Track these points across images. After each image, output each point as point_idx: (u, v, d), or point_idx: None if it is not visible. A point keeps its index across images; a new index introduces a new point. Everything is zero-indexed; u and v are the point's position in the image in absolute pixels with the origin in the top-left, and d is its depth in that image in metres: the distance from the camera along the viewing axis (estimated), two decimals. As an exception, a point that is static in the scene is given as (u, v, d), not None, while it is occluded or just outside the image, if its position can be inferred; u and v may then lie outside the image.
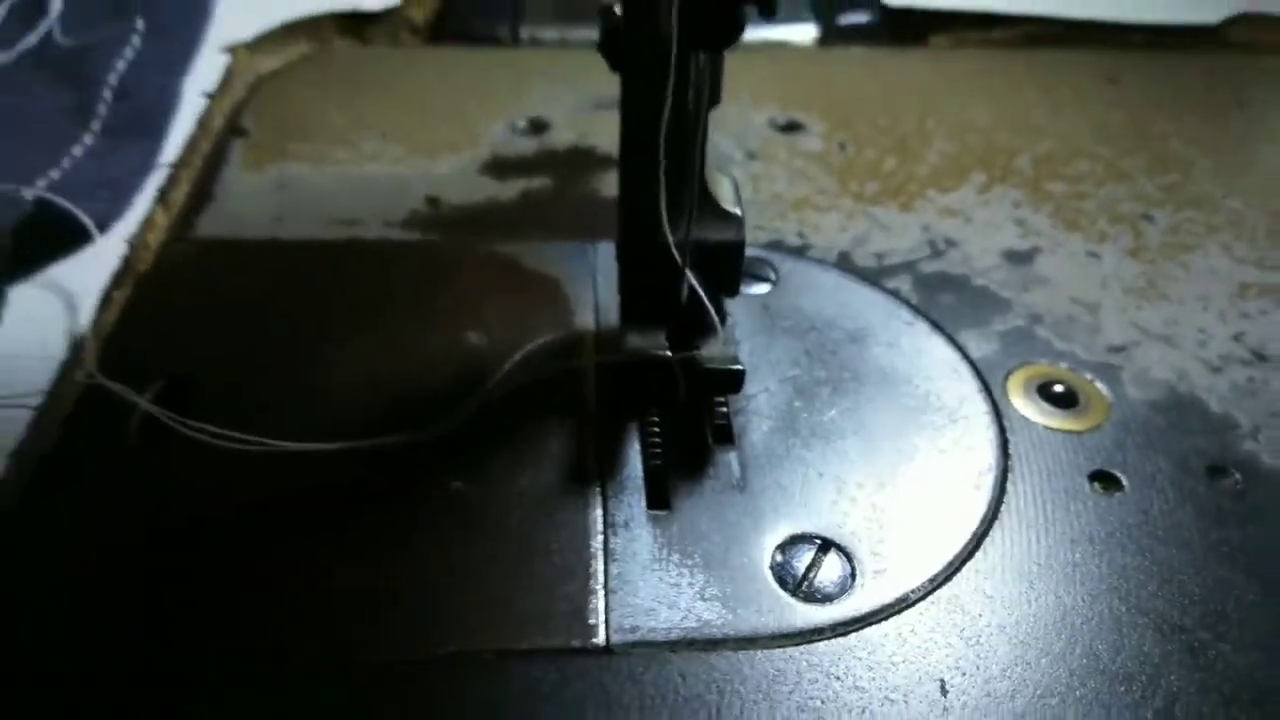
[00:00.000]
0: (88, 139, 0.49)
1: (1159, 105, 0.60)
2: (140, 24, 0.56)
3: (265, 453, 0.35)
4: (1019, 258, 0.47)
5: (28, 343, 0.40)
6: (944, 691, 0.30)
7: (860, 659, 0.31)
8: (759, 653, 0.31)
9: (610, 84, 0.33)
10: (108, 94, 0.52)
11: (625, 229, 0.37)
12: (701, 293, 0.35)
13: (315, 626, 0.31)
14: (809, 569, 0.33)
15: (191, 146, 0.51)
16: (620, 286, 0.39)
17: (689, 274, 0.35)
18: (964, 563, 0.34)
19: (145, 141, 0.49)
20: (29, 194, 0.46)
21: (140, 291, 0.43)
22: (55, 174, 0.48)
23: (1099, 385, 0.41)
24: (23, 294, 0.42)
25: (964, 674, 0.31)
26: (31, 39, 0.57)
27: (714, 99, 0.34)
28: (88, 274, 0.43)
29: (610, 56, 0.34)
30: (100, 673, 0.30)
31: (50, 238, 0.43)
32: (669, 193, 0.33)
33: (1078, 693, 0.30)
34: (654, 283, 0.37)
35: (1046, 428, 0.39)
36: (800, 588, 0.33)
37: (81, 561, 0.33)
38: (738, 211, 0.37)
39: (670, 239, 0.34)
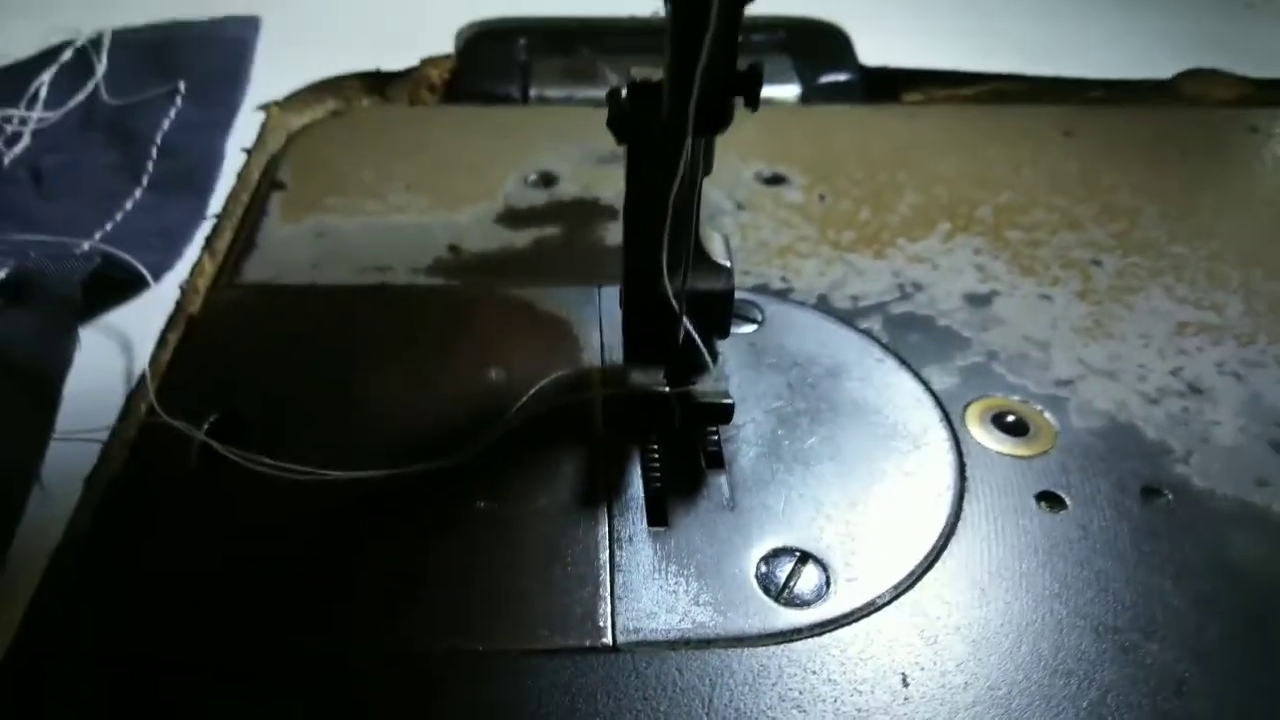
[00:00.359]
0: (138, 193, 0.54)
1: (1110, 156, 0.66)
2: (182, 85, 0.61)
3: (310, 478, 0.40)
4: (979, 300, 0.52)
5: (94, 380, 0.45)
6: (905, 684, 0.35)
7: (833, 655, 0.36)
8: (745, 651, 0.36)
9: (612, 141, 0.38)
10: (154, 151, 0.57)
11: (629, 280, 0.42)
12: (696, 336, 0.41)
13: (357, 624, 0.36)
14: (789, 578, 0.38)
15: (233, 198, 0.56)
16: (624, 329, 0.44)
17: (685, 320, 0.40)
18: (925, 572, 0.39)
19: (191, 196, 0.54)
20: (87, 245, 0.50)
21: (192, 332, 0.48)
22: (109, 226, 0.53)
23: (1047, 415, 0.46)
24: (88, 338, 0.47)
25: (923, 669, 0.35)
26: (79, 98, 0.62)
27: (707, 169, 0.39)
28: (143, 318, 0.48)
29: (618, 133, 0.39)
30: (168, 667, 0.35)
31: (110, 286, 0.48)
32: (669, 249, 0.38)
33: (1022, 685, 0.35)
34: (654, 327, 0.42)
35: (999, 453, 0.44)
36: (782, 594, 0.37)
37: (148, 575, 0.37)
38: (727, 263, 0.42)
39: (669, 290, 0.39)
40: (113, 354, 0.46)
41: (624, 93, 0.38)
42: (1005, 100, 0.74)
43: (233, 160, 0.59)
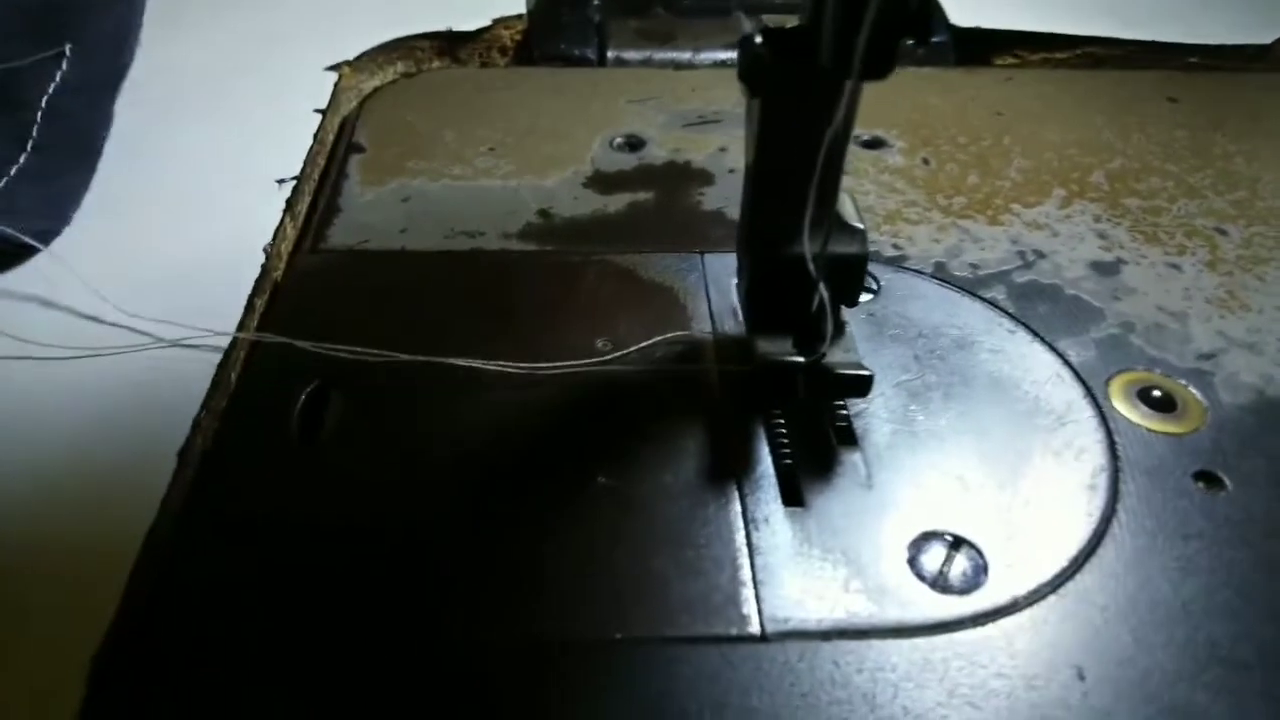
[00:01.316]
0: (22, 159, 0.50)
1: (1218, 124, 0.63)
2: (68, 49, 0.56)
3: (412, 452, 0.38)
4: (1106, 269, 0.49)
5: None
6: (1081, 677, 0.32)
7: (1001, 648, 0.33)
8: (906, 642, 0.33)
9: (696, 103, 0.35)
10: (39, 116, 0.53)
11: (755, 245, 0.39)
12: (828, 304, 0.38)
13: (485, 611, 0.33)
14: (943, 564, 0.35)
15: (309, 160, 0.53)
16: (746, 297, 0.41)
17: (821, 286, 0.37)
18: (1087, 558, 0.36)
19: (79, 160, 0.51)
20: None
21: (278, 299, 0.45)
22: None
23: (1193, 390, 0.43)
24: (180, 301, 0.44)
25: (1097, 661, 0.33)
26: None
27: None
28: (226, 284, 0.45)
29: (753, 84, 0.36)
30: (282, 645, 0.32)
31: None
32: (813, 209, 0.35)
33: (1203, 679, 0.32)
34: (783, 294, 0.39)
35: (1149, 430, 0.41)
36: (937, 582, 0.35)
37: (248, 553, 0.35)
38: (861, 225, 0.39)
39: (808, 254, 0.36)
40: (206, 319, 0.43)
41: (759, 40, 0.35)
42: (1100, 65, 0.70)
43: (304, 122, 0.56)
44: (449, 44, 0.65)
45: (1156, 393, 0.42)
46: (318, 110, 0.56)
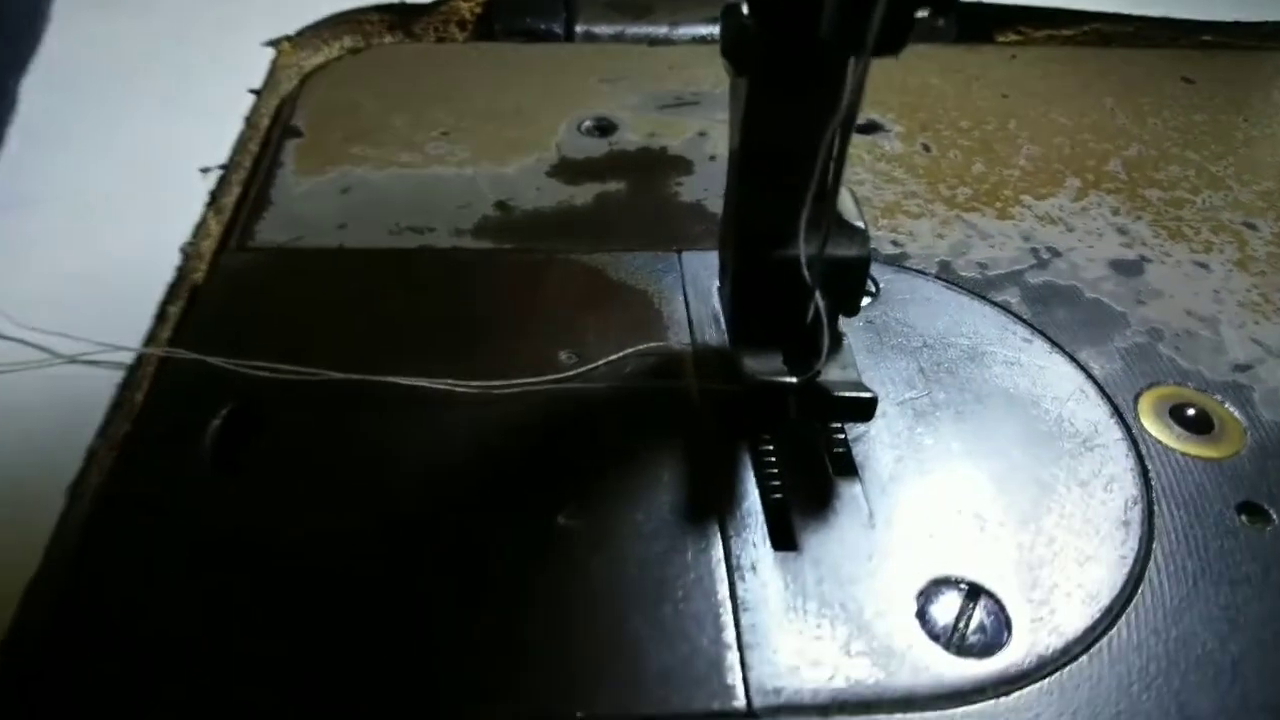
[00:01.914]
0: None
1: (1239, 107, 0.58)
2: None
3: (339, 483, 0.33)
4: (1127, 268, 0.45)
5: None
6: (1123, 755, 0.28)
7: (1028, 720, 0.28)
8: (916, 716, 0.28)
9: (673, 83, 0.30)
10: None
11: (743, 244, 0.34)
12: (824, 314, 0.33)
13: (414, 684, 0.28)
14: (959, 618, 0.30)
15: (240, 146, 0.47)
16: (731, 303, 0.36)
17: (817, 294, 0.32)
18: (1123, 608, 0.31)
19: None
20: None
21: (196, 304, 0.40)
22: None
23: (1230, 408, 0.38)
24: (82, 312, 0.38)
25: (1139, 733, 0.28)
26: None
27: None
28: (137, 287, 0.40)
29: (737, 60, 0.31)
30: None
31: None
32: (810, 204, 0.30)
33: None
34: (772, 301, 0.34)
35: (1185, 454, 0.36)
36: (952, 640, 0.30)
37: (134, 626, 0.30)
38: (861, 225, 0.34)
39: (802, 256, 0.31)
40: (109, 332, 0.37)
41: (744, 9, 0.30)
42: (1108, 42, 0.65)
43: (239, 102, 0.50)
44: (401, 17, 0.59)
45: (1190, 411, 0.38)
46: (252, 91, 0.50)
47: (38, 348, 0.37)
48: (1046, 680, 0.29)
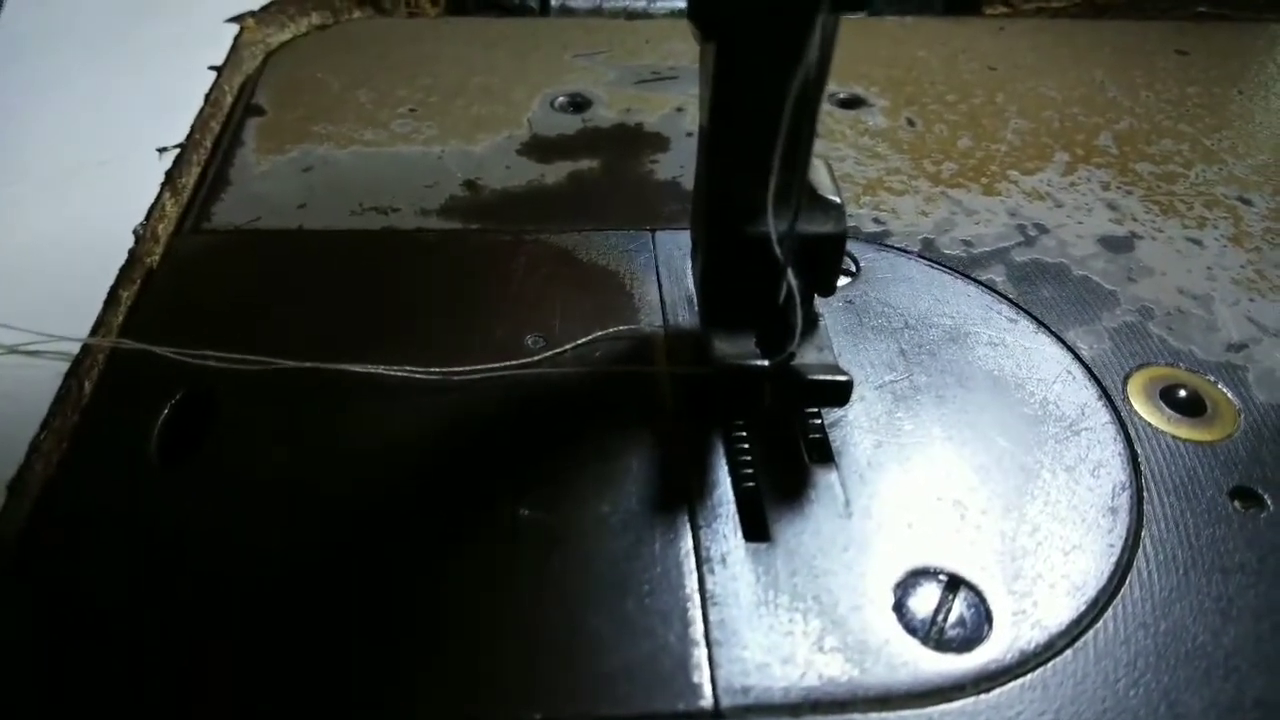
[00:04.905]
0: None
1: (1234, 79, 0.56)
2: None
3: (293, 479, 0.31)
4: (1117, 244, 0.43)
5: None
6: (1108, 755, 0.26)
7: (1009, 719, 0.27)
8: (893, 715, 0.27)
9: (650, 57, 0.28)
10: None
11: (713, 221, 0.33)
12: (798, 294, 0.31)
13: (370, 683, 0.27)
14: (938, 611, 0.29)
15: (200, 125, 0.45)
16: (700, 284, 0.35)
17: (790, 272, 0.31)
18: (1109, 600, 0.30)
19: None
20: None
21: (150, 288, 0.38)
22: None
23: (1223, 389, 0.37)
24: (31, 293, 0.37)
25: (1126, 731, 0.27)
26: None
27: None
28: (89, 269, 0.38)
29: (704, 23, 0.29)
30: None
31: None
32: (777, 176, 0.28)
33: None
34: (743, 281, 0.33)
35: (1176, 438, 0.35)
36: (930, 634, 0.28)
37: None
38: (837, 199, 0.32)
39: (773, 233, 0.29)
40: (56, 319, 0.36)
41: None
42: (1101, 14, 0.64)
43: (199, 80, 0.48)
44: (372, -9, 0.57)
45: (1182, 392, 0.36)
46: (213, 68, 0.49)
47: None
48: (1029, 676, 0.28)
